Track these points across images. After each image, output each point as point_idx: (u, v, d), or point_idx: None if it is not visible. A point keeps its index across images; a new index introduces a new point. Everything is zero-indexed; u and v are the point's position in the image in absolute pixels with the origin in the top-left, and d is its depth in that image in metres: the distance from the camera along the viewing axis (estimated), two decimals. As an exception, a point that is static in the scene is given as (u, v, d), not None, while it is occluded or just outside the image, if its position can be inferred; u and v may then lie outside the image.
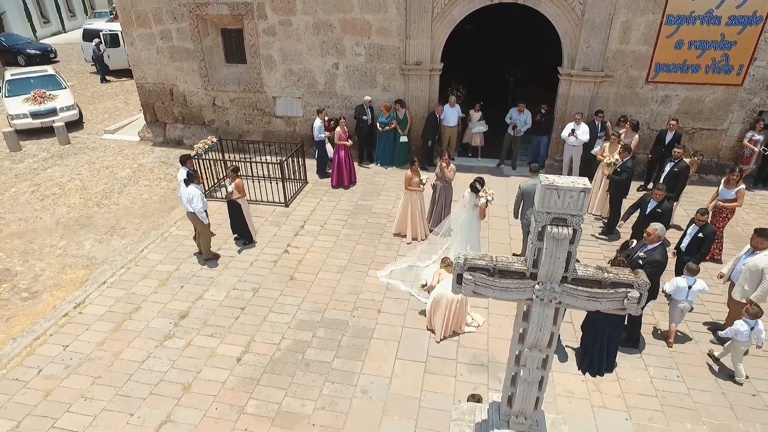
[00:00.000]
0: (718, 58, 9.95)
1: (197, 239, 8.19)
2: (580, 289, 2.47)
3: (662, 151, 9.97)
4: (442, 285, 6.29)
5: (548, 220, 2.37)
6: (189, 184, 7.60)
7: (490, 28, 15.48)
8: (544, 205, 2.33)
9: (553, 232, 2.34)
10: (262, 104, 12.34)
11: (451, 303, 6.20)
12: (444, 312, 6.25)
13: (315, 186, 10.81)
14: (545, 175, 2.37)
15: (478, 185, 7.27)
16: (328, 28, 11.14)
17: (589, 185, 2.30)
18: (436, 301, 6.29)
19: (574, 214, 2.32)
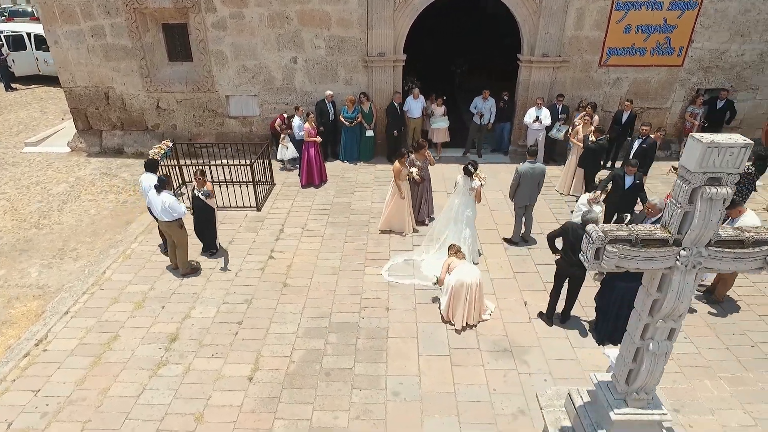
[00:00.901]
0: (661, 41, 10.64)
1: (172, 252, 7.38)
2: (726, 251, 2.36)
3: (619, 131, 10.52)
4: (458, 272, 6.11)
5: (703, 181, 2.23)
6: (161, 191, 6.81)
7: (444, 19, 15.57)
8: (702, 165, 2.19)
9: (710, 192, 2.20)
10: (213, 104, 11.49)
11: (471, 289, 6.03)
12: (464, 299, 6.07)
13: (284, 187, 10.23)
14: (704, 135, 2.23)
15: (472, 168, 7.18)
16: (285, 20, 10.57)
17: (749, 141, 2.19)
18: (456, 290, 6.10)
19: (730, 172, 2.20)
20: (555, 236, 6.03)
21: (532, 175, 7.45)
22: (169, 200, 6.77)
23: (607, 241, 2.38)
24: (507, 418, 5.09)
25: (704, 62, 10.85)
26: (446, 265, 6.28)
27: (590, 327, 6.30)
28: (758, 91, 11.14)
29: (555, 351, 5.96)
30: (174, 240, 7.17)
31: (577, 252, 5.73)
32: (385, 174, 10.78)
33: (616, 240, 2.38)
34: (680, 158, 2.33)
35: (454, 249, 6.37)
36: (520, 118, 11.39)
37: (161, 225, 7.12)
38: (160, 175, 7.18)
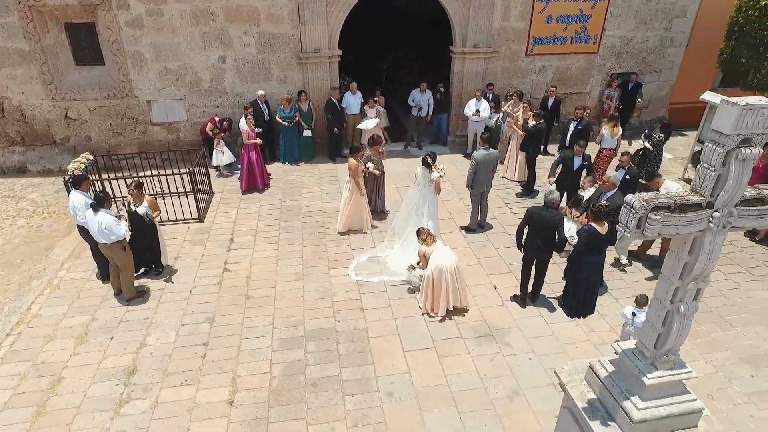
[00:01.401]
0: (579, 30, 11.36)
1: (114, 276, 6.58)
2: (751, 209, 2.48)
3: (546, 116, 11.07)
4: (434, 259, 6.04)
5: (737, 143, 2.32)
6: (98, 210, 6.04)
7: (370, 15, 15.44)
8: (737, 127, 2.27)
9: (744, 153, 2.29)
10: (133, 111, 10.49)
11: (450, 273, 6.00)
12: (445, 285, 6.02)
13: (225, 195, 9.59)
14: (737, 98, 2.31)
15: (430, 159, 7.17)
16: (209, 16, 9.89)
17: (777, 100, 2.29)
18: (435, 279, 6.03)
19: (759, 132, 2.30)
20: (522, 227, 6.14)
21: (488, 162, 7.59)
22: (105, 221, 6.01)
23: (649, 210, 2.40)
24: (503, 401, 5.12)
25: (616, 49, 11.76)
26: (422, 254, 6.17)
27: (559, 303, 6.53)
28: (661, 73, 12.28)
29: (532, 329, 6.11)
30: (117, 263, 6.40)
31: (542, 235, 5.93)
32: (330, 173, 10.51)
33: (658, 207, 2.41)
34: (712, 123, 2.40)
35: (424, 234, 6.27)
36: (456, 108, 11.63)
37: (101, 248, 6.31)
38: (98, 191, 6.32)
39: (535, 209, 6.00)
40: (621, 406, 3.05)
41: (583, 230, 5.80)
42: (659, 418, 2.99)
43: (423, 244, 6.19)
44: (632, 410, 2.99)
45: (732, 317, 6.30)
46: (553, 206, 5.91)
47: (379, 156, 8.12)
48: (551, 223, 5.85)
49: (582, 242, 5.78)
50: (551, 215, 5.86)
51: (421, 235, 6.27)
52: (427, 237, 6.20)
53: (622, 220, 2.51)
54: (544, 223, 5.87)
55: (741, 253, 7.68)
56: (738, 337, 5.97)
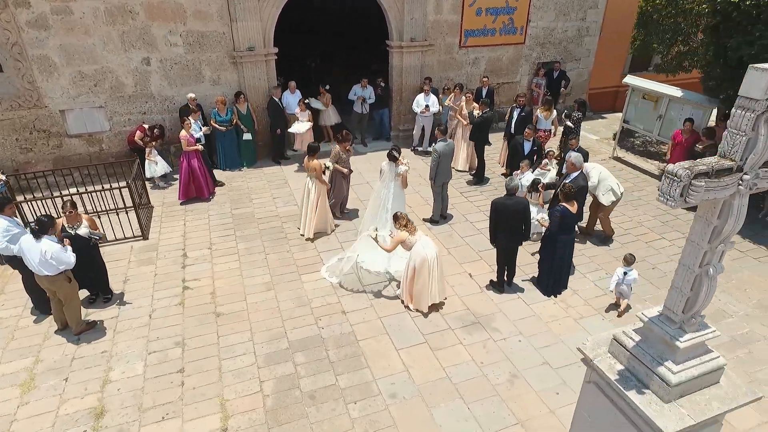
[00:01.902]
0: (506, 22, 11.83)
1: (57, 311, 5.75)
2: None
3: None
4: (419, 248, 5.92)
5: (766, 107, 2.46)
6: (41, 236, 5.22)
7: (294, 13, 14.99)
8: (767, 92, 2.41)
9: (774, 115, 2.44)
10: (44, 122, 9.29)
11: (433, 264, 5.94)
12: (428, 274, 5.95)
13: (166, 208, 8.81)
14: (764, 64, 2.43)
15: (396, 153, 7.07)
16: (128, 14, 9.00)
17: (801, 63, 2.46)
18: (418, 270, 5.93)
19: (787, 96, 2.46)
20: (493, 222, 6.19)
21: (448, 152, 7.66)
22: (52, 249, 5.20)
23: (692, 177, 2.48)
24: (505, 385, 5.17)
25: (540, 39, 12.40)
26: (398, 241, 5.96)
27: (533, 283, 6.74)
28: (580, 61, 13.16)
29: (515, 312, 6.24)
30: (60, 296, 5.59)
31: (511, 224, 6.06)
32: (277, 176, 10.06)
33: (699, 174, 2.50)
34: (740, 90, 2.53)
35: (404, 219, 6.05)
36: (397, 103, 11.64)
37: (41, 281, 5.47)
38: (41, 215, 5.41)
39: (500, 200, 6.12)
40: (655, 373, 3.16)
41: (555, 210, 6.01)
42: (691, 378, 3.14)
43: (403, 230, 6.00)
44: (668, 375, 3.10)
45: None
46: (514, 193, 6.05)
47: (347, 154, 7.85)
48: (517, 209, 6.00)
49: (555, 222, 5.99)
50: (515, 201, 6.01)
51: (400, 220, 6.03)
52: (407, 223, 6.02)
53: (663, 190, 2.56)
54: (511, 211, 6.00)
55: (677, 221, 8.41)
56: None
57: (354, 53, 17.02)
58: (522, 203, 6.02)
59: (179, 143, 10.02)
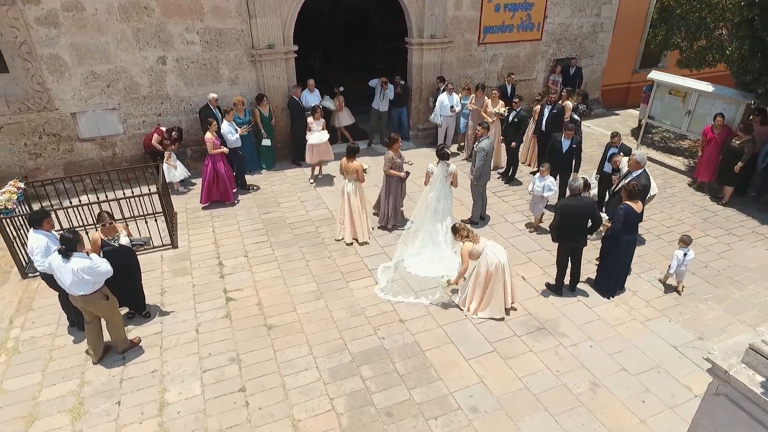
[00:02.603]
0: (524, 18, 11.67)
1: (95, 335, 5.25)
2: None
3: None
4: (488, 255, 5.68)
5: None
6: (70, 254, 4.77)
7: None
8: None
9: None
10: (54, 126, 8.75)
11: (506, 269, 5.72)
12: (502, 282, 5.72)
13: (190, 214, 8.38)
14: None
15: (447, 151, 6.81)
16: (143, 11, 8.53)
17: None
18: (493, 276, 5.68)
19: None
20: (558, 221, 5.94)
21: (492, 151, 7.43)
22: (83, 264, 4.74)
23: None
24: (587, 395, 4.96)
25: (556, 35, 12.29)
26: (466, 254, 5.75)
27: (589, 284, 6.55)
28: (594, 57, 13.10)
29: (578, 316, 6.05)
30: (100, 315, 5.15)
31: (577, 225, 5.86)
32: (300, 179, 9.69)
33: None
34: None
35: (465, 230, 5.82)
36: (416, 102, 11.37)
37: (76, 302, 5.02)
38: (64, 231, 4.94)
39: (565, 202, 5.94)
40: (810, 384, 2.97)
41: (620, 209, 5.82)
42: None
43: (466, 241, 5.77)
44: (827, 385, 2.91)
45: (740, 277, 6.78)
46: (578, 193, 5.86)
47: (401, 158, 7.45)
48: (584, 210, 5.80)
49: (619, 221, 5.81)
50: (581, 203, 5.82)
51: (461, 232, 5.84)
52: (468, 233, 5.81)
53: None
54: (577, 213, 5.81)
55: (716, 217, 8.36)
56: (755, 295, 6.42)
57: (355, 52, 16.76)
58: (588, 203, 5.83)
59: (195, 146, 9.67)
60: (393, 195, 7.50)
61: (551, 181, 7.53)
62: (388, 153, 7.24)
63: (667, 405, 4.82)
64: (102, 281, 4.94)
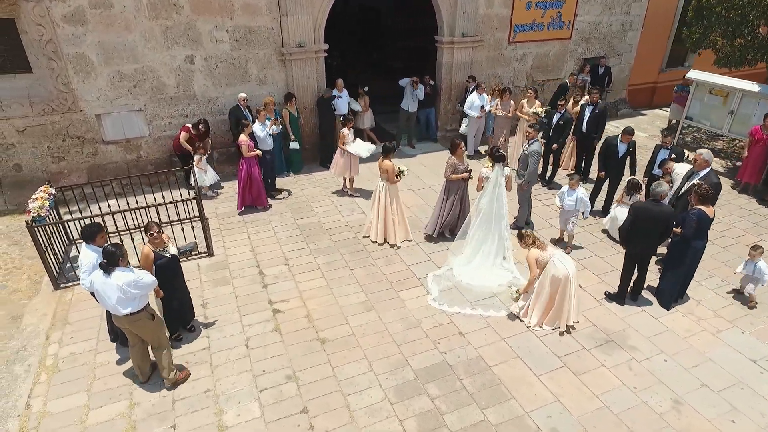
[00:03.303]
0: (554, 16, 11.39)
1: (140, 357, 4.89)
2: None
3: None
4: (557, 264, 5.38)
5: None
6: (111, 270, 4.39)
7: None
8: None
9: None
10: (78, 128, 8.41)
11: (573, 279, 5.43)
12: (568, 293, 5.43)
13: (221, 220, 8.05)
14: None
15: (503, 152, 6.50)
16: (172, 8, 8.20)
17: None
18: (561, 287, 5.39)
19: None
20: (630, 224, 5.65)
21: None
22: (127, 278, 4.35)
23: None
24: (672, 414, 4.67)
25: (585, 34, 12.01)
26: (533, 261, 5.45)
27: (651, 293, 6.26)
28: (622, 56, 12.83)
29: (646, 327, 5.76)
30: (146, 339, 4.77)
31: (650, 231, 5.57)
32: (330, 182, 9.37)
33: None
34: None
35: (530, 237, 5.52)
36: (445, 102, 11.08)
37: (120, 323, 4.65)
38: (107, 245, 4.48)
39: (642, 204, 5.62)
40: None
41: (692, 214, 5.53)
42: None
43: (532, 248, 5.47)
44: None
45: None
46: (660, 199, 5.57)
47: (464, 163, 7.02)
48: (661, 217, 5.51)
49: (691, 227, 5.52)
50: (660, 209, 5.52)
51: (527, 239, 5.53)
52: (534, 240, 5.51)
53: None
54: (653, 218, 5.51)
55: (767, 221, 8.08)
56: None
57: (370, 51, 16.47)
58: (667, 212, 5.52)
59: (222, 148, 9.35)
60: (450, 202, 7.10)
61: (583, 194, 7.00)
62: (450, 159, 6.85)
63: (759, 426, 4.54)
64: (147, 297, 4.59)
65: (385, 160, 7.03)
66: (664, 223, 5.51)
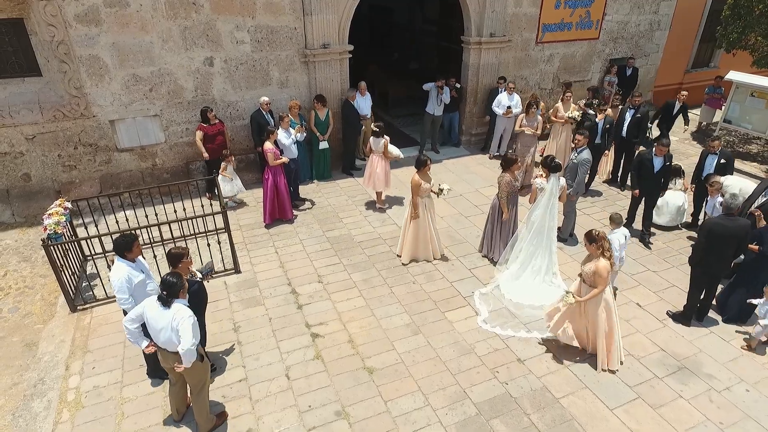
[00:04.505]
0: (583, 15, 10.95)
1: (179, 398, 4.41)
2: None
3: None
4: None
5: None
6: (172, 301, 3.89)
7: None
8: None
9: None
10: (91, 135, 7.91)
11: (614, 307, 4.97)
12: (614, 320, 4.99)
13: (245, 232, 7.56)
14: None
15: (560, 162, 6.04)
16: (191, 7, 7.71)
17: None
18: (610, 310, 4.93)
19: None
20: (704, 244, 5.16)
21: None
22: (183, 316, 3.82)
23: None
24: (767, 453, 4.22)
25: (613, 33, 11.57)
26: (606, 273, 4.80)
27: (717, 310, 5.82)
28: (649, 57, 12.41)
29: (719, 352, 5.32)
30: (189, 381, 4.24)
31: (724, 249, 5.11)
32: (357, 190, 8.91)
33: None
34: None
35: (604, 243, 4.84)
36: (470, 105, 10.63)
37: (166, 360, 4.13)
38: (167, 275, 3.91)
39: (715, 221, 5.16)
40: None
41: None
42: None
43: (603, 259, 4.88)
44: None
45: None
46: (735, 213, 5.12)
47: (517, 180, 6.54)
48: (737, 233, 5.06)
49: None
50: (736, 224, 5.07)
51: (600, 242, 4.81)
52: (605, 250, 4.90)
53: None
54: (729, 234, 5.06)
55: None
56: None
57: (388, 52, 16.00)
58: (743, 226, 5.07)
59: (242, 155, 8.87)
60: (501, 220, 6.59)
61: (624, 233, 5.81)
62: (505, 177, 6.31)
63: None
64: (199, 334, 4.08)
65: (416, 174, 6.40)
66: (740, 239, 5.06)
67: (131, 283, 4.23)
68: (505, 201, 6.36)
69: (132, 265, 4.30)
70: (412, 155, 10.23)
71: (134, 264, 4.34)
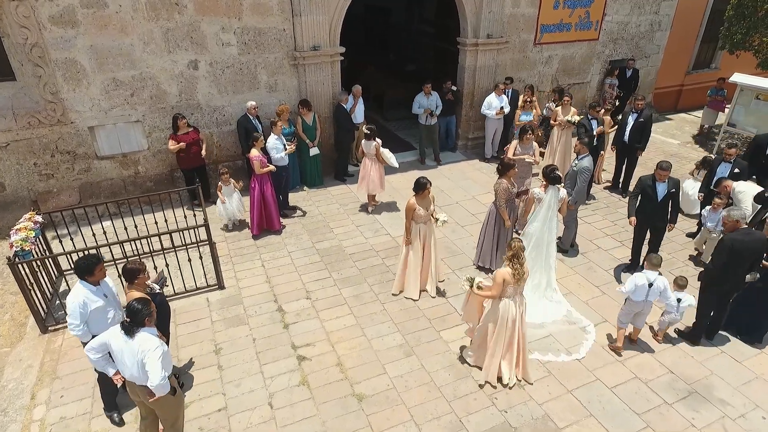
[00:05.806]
0: (582, 16, 10.64)
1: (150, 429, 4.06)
2: None
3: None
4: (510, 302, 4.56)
5: None
6: (136, 330, 3.52)
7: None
8: None
9: None
10: (69, 142, 7.54)
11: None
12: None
13: (230, 244, 7.21)
14: None
15: (559, 174, 5.71)
16: (174, 8, 7.35)
17: None
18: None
19: None
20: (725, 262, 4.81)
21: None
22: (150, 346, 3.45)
23: None
24: (788, 491, 3.89)
25: (613, 34, 11.27)
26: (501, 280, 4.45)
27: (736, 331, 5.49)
28: (649, 58, 12.10)
29: (731, 374, 4.99)
30: (159, 414, 3.89)
31: (745, 265, 4.78)
32: (348, 198, 8.56)
33: None
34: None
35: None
36: (467, 109, 10.30)
37: (134, 393, 3.79)
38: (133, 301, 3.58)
39: (734, 236, 4.81)
40: None
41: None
42: None
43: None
44: None
45: None
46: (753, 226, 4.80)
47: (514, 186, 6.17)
48: (755, 248, 4.74)
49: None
50: (753, 238, 4.75)
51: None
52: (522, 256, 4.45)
53: None
54: (746, 251, 4.74)
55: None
56: None
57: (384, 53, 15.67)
58: (761, 240, 4.76)
59: (228, 162, 8.51)
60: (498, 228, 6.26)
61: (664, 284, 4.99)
62: (502, 184, 5.98)
63: None
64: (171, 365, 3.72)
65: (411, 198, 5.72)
66: (757, 253, 4.74)
67: (86, 308, 3.87)
68: (504, 208, 6.03)
69: (92, 290, 3.95)
70: (407, 160, 9.98)
71: (96, 288, 3.98)
